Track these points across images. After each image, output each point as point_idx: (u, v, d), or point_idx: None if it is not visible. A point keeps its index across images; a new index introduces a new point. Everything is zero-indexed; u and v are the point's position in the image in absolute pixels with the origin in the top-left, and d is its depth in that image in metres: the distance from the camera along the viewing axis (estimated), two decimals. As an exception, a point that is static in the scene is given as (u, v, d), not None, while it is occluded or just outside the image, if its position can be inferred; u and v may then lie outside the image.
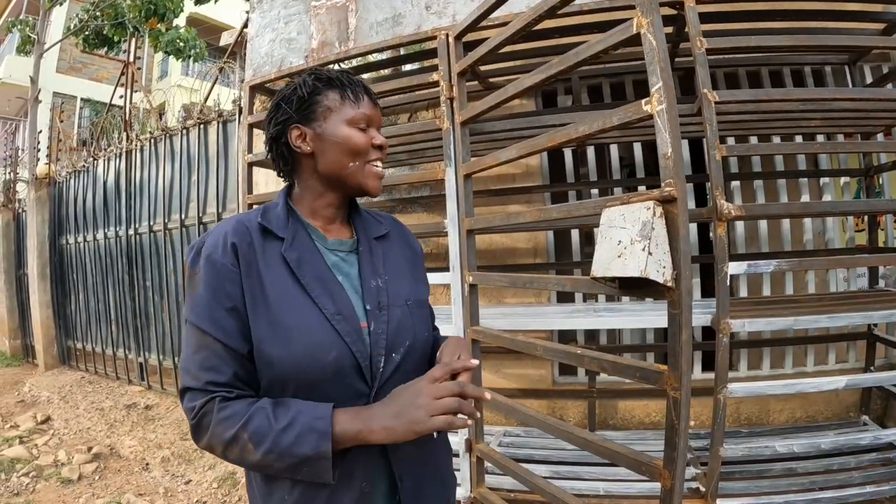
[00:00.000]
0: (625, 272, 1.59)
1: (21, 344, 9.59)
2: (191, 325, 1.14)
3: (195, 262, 1.17)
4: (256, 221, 1.23)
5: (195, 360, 1.13)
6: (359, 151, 1.26)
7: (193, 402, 1.11)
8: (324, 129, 1.25)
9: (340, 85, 1.28)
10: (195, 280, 1.16)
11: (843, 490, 2.66)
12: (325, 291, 1.20)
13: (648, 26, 1.68)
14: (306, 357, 1.13)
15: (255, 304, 1.15)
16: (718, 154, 2.37)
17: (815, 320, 2.57)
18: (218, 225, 1.23)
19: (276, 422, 1.06)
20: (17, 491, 4.15)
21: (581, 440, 2.08)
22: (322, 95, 1.26)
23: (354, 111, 1.26)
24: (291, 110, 1.27)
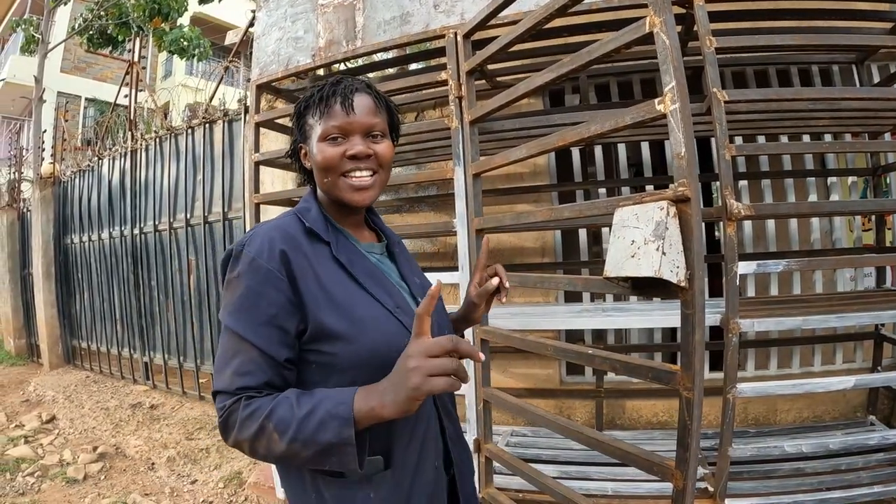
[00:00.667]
0: (638, 272, 1.59)
1: (26, 343, 9.61)
2: (228, 330, 1.14)
3: (235, 265, 1.16)
4: (303, 225, 1.24)
5: (231, 364, 1.12)
6: (328, 166, 1.25)
7: (223, 402, 1.11)
8: (310, 147, 1.29)
9: (318, 99, 1.28)
10: (235, 284, 1.15)
11: (852, 490, 2.65)
12: (381, 288, 1.26)
13: (661, 25, 1.67)
14: (384, 346, 1.16)
15: (319, 304, 1.15)
16: (728, 154, 2.36)
17: (824, 320, 2.56)
18: (259, 230, 1.21)
19: (298, 409, 1.05)
20: (23, 490, 4.16)
21: (592, 441, 2.08)
22: (308, 114, 1.30)
23: (325, 125, 1.25)
24: (297, 130, 1.34)
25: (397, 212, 4.33)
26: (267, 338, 1.12)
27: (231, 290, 1.15)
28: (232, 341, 1.13)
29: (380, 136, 1.30)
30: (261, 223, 1.25)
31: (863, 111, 3.10)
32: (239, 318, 1.13)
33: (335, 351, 1.15)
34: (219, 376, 1.14)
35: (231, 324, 1.13)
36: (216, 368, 1.16)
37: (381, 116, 1.31)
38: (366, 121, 1.26)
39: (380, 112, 1.31)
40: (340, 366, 1.15)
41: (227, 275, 1.18)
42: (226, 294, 1.17)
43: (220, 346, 1.16)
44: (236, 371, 1.11)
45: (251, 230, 1.23)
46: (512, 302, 3.95)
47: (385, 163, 1.31)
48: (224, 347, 1.15)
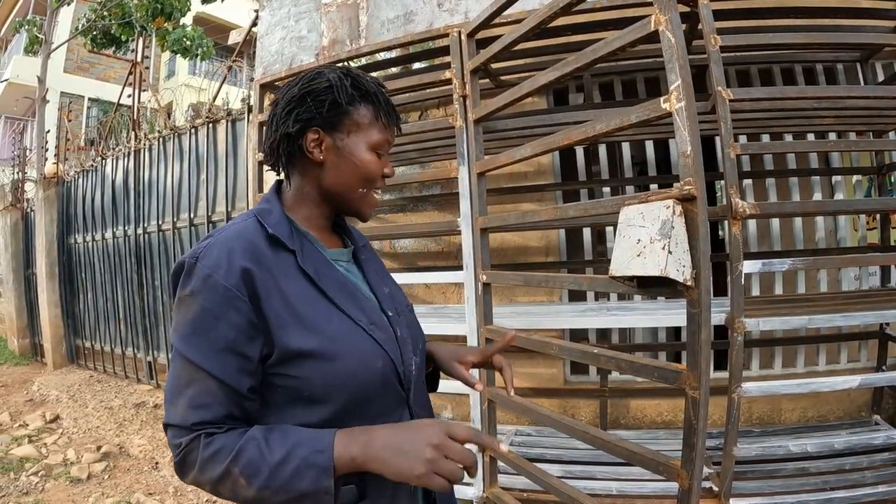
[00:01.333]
0: (644, 271, 1.58)
1: (30, 343, 9.62)
2: (180, 355, 1.02)
3: (187, 282, 1.03)
4: (264, 232, 1.11)
5: (184, 395, 1.01)
6: (371, 179, 1.19)
7: (178, 439, 1.00)
8: (345, 144, 1.16)
9: (377, 101, 1.18)
10: (188, 303, 1.02)
11: (856, 490, 2.64)
12: (353, 302, 1.15)
13: (667, 23, 1.67)
14: (360, 369, 1.07)
15: (286, 324, 1.04)
16: (733, 152, 2.36)
17: (830, 319, 2.56)
18: (215, 239, 1.07)
19: (270, 454, 0.96)
20: (27, 490, 4.16)
21: (597, 440, 2.07)
22: (355, 107, 1.16)
23: (381, 136, 1.18)
24: (317, 110, 1.14)
25: (401, 211, 4.33)
26: (225, 366, 1.00)
27: (183, 309, 1.03)
28: (186, 369, 1.02)
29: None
30: (218, 229, 1.12)
31: (867, 109, 3.09)
32: (193, 342, 1.01)
33: (305, 375, 1.04)
34: (171, 408, 1.02)
35: (184, 349, 1.01)
36: (167, 398, 1.04)
37: None
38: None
39: None
40: (311, 391, 1.05)
41: (177, 291, 1.05)
42: (177, 313, 1.04)
43: (171, 371, 1.04)
44: (191, 403, 1.00)
45: (207, 238, 1.09)
46: (516, 301, 3.95)
47: None
48: (176, 375, 1.03)
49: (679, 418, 3.64)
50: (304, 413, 1.06)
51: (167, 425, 1.03)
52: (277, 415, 1.07)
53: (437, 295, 4.12)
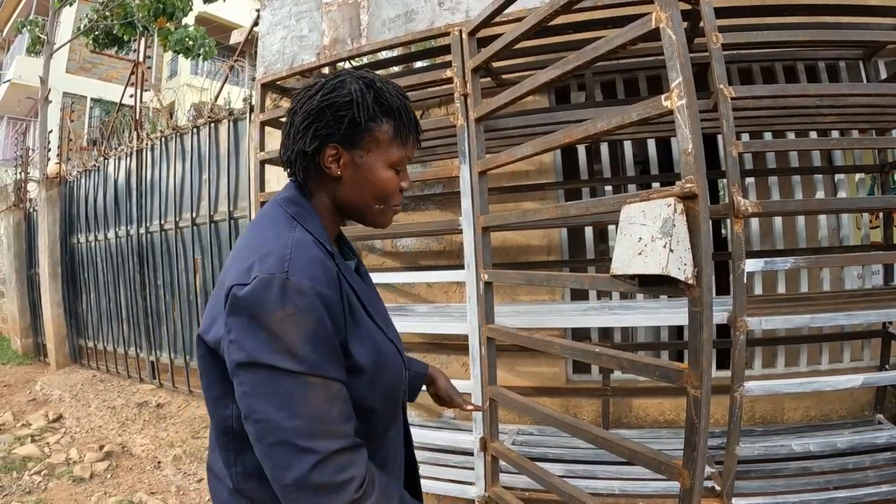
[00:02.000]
0: (646, 269, 1.58)
1: (33, 343, 9.65)
2: (309, 378, 0.96)
3: (285, 299, 0.96)
4: (326, 245, 1.10)
5: (333, 416, 0.97)
6: (388, 197, 1.18)
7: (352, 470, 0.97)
8: (363, 162, 1.14)
9: (398, 117, 1.14)
10: (295, 322, 0.95)
11: (859, 489, 2.63)
12: (381, 315, 1.20)
13: (668, 21, 1.66)
14: (398, 379, 1.16)
15: (353, 335, 1.06)
16: (735, 150, 2.35)
17: (832, 318, 2.55)
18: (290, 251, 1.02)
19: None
20: (30, 489, 4.17)
21: (600, 439, 2.07)
22: (376, 123, 1.12)
23: (400, 153, 1.15)
24: (336, 126, 1.11)
25: (403, 210, 4.31)
26: (343, 369, 1.02)
27: (291, 329, 0.95)
28: (321, 389, 0.97)
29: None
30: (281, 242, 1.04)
31: (870, 107, 3.08)
32: (321, 359, 0.98)
33: (356, 385, 1.05)
34: (324, 438, 0.95)
35: (313, 369, 0.96)
36: (309, 432, 0.94)
37: None
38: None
39: None
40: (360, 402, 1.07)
41: (269, 312, 0.96)
42: (282, 335, 0.95)
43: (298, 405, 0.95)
44: (345, 419, 1.00)
45: (280, 251, 1.02)
46: (518, 300, 3.94)
47: None
48: (308, 403, 0.96)
49: (681, 417, 3.62)
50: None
51: (329, 455, 0.95)
52: None
53: (439, 294, 4.12)
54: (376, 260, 4.28)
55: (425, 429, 3.70)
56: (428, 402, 4.10)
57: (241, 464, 1.10)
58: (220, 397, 1.09)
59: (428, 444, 3.36)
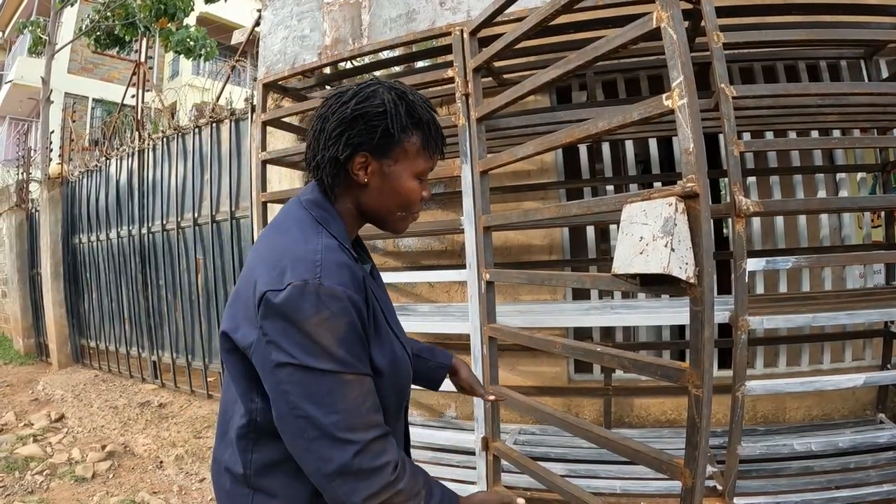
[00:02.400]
0: (647, 269, 1.58)
1: (35, 343, 9.66)
2: (345, 377, 1.03)
3: (321, 304, 1.01)
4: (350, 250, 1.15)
5: (367, 408, 1.05)
6: (411, 205, 1.23)
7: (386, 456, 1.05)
8: (391, 171, 1.17)
9: (427, 130, 1.18)
10: (330, 325, 1.01)
11: (860, 489, 2.63)
12: (394, 320, 1.26)
13: (669, 20, 1.66)
14: (406, 379, 1.23)
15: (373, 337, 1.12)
16: (736, 150, 2.35)
17: (834, 317, 2.55)
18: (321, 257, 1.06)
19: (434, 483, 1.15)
20: (32, 489, 4.17)
21: (601, 439, 2.07)
22: (407, 135, 1.15)
23: (426, 164, 1.20)
24: (369, 135, 1.14)
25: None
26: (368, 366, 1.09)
27: (326, 332, 1.01)
28: (355, 386, 1.04)
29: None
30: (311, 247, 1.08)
31: (871, 106, 3.08)
32: (355, 358, 1.04)
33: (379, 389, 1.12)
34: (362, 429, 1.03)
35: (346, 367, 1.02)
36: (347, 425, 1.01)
37: None
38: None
39: None
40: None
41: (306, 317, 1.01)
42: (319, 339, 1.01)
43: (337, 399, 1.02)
44: (376, 410, 1.07)
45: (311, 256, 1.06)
46: (520, 299, 3.95)
47: None
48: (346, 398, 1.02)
49: (683, 416, 3.61)
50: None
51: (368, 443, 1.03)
52: None
53: (441, 294, 4.12)
54: (378, 259, 4.28)
55: (427, 428, 3.70)
56: (430, 401, 4.12)
57: (258, 453, 1.14)
58: (247, 391, 1.13)
59: (430, 443, 3.36)
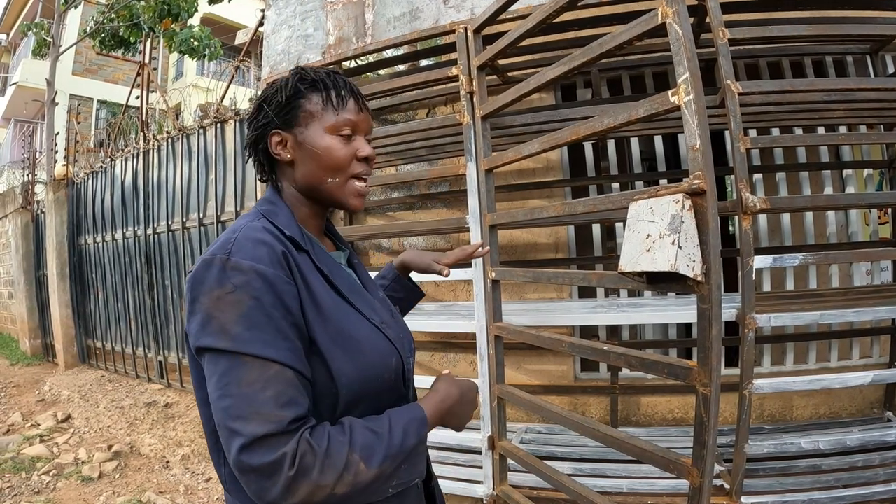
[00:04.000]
0: (654, 266, 1.56)
1: (41, 343, 9.69)
2: (239, 358, 0.93)
3: (224, 278, 0.96)
4: (284, 232, 1.09)
5: (266, 398, 0.92)
6: (340, 166, 1.15)
7: (281, 448, 0.89)
8: (304, 137, 1.14)
9: (324, 86, 1.15)
10: (232, 301, 0.95)
11: (868, 487, 2.62)
12: (365, 302, 1.18)
13: (674, 16, 1.65)
14: (380, 366, 1.11)
15: (314, 319, 1.03)
16: (743, 146, 2.34)
17: (842, 315, 2.53)
18: (240, 234, 1.02)
19: (378, 428, 1.01)
20: (38, 489, 4.18)
21: (608, 438, 2.06)
22: (304, 98, 1.14)
23: (336, 117, 1.14)
24: (273, 114, 1.16)
25: (410, 209, 4.32)
26: (295, 353, 0.97)
27: (227, 308, 0.95)
28: (253, 370, 0.93)
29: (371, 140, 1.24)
30: (232, 230, 1.06)
31: (878, 102, 3.06)
32: (255, 338, 0.94)
33: (329, 374, 1.03)
34: (253, 420, 0.90)
35: (246, 348, 0.93)
36: (241, 413, 0.91)
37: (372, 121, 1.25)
38: (370, 122, 1.22)
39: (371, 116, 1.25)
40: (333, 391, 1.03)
41: (209, 291, 0.97)
42: (219, 314, 0.95)
43: (231, 383, 0.93)
44: (278, 402, 0.92)
45: (227, 237, 1.03)
46: (525, 298, 3.94)
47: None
48: (241, 383, 0.93)
49: (690, 415, 3.62)
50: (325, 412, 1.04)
51: (252, 442, 0.89)
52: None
53: (447, 292, 4.11)
54: (384, 259, 4.28)
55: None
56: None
57: (227, 465, 1.06)
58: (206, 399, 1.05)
59: (435, 442, 3.35)
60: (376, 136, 3.26)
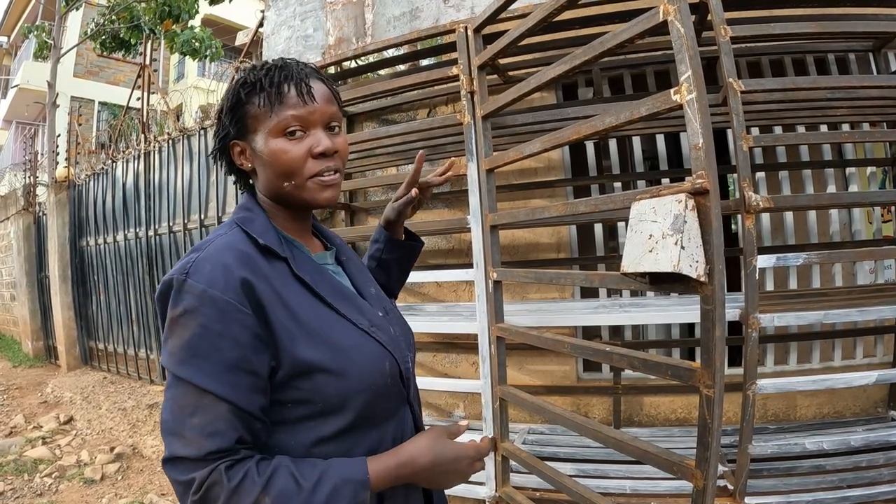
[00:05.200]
0: (657, 267, 1.55)
1: (43, 345, 9.70)
2: (179, 382, 0.95)
3: (178, 301, 0.97)
4: (255, 243, 1.06)
5: (192, 424, 0.93)
6: (291, 170, 1.08)
7: (191, 473, 0.92)
8: (256, 143, 1.09)
9: (260, 87, 1.07)
10: (182, 324, 0.96)
11: (873, 487, 2.60)
12: (352, 306, 1.14)
13: (676, 13, 1.64)
14: (371, 373, 1.07)
15: (292, 335, 1.01)
16: (745, 145, 2.32)
17: (846, 314, 2.51)
18: (203, 254, 1.01)
19: (303, 479, 0.95)
20: (41, 491, 4.18)
21: (611, 439, 2.05)
22: (249, 104, 1.09)
23: (278, 117, 1.06)
24: (228, 124, 1.12)
25: (411, 209, 4.30)
26: (235, 386, 0.95)
27: (178, 331, 0.96)
28: (189, 395, 0.94)
29: (338, 128, 1.14)
30: (202, 243, 1.06)
31: (881, 99, 3.04)
32: (196, 365, 0.94)
33: (319, 386, 1.02)
34: (176, 440, 0.94)
35: (186, 374, 0.94)
36: (168, 429, 0.95)
37: (335, 105, 1.14)
38: (326, 110, 1.10)
39: (334, 100, 1.14)
40: (325, 402, 1.02)
41: (168, 311, 0.98)
42: (170, 336, 0.97)
43: (171, 400, 0.96)
44: (202, 432, 0.92)
45: (190, 254, 1.03)
46: (527, 298, 3.92)
47: (345, 160, 1.17)
48: (178, 403, 0.95)
49: (693, 415, 3.60)
50: (318, 426, 1.04)
51: (173, 458, 0.93)
52: (290, 432, 1.04)
53: (449, 293, 4.10)
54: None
55: (435, 429, 3.68)
56: (438, 401, 4.10)
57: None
58: None
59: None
60: (377, 136, 3.25)
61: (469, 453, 1.11)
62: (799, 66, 3.60)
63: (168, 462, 0.94)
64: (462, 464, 1.10)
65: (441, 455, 1.07)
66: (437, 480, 1.08)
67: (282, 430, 1.03)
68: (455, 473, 1.09)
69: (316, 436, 1.03)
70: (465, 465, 1.10)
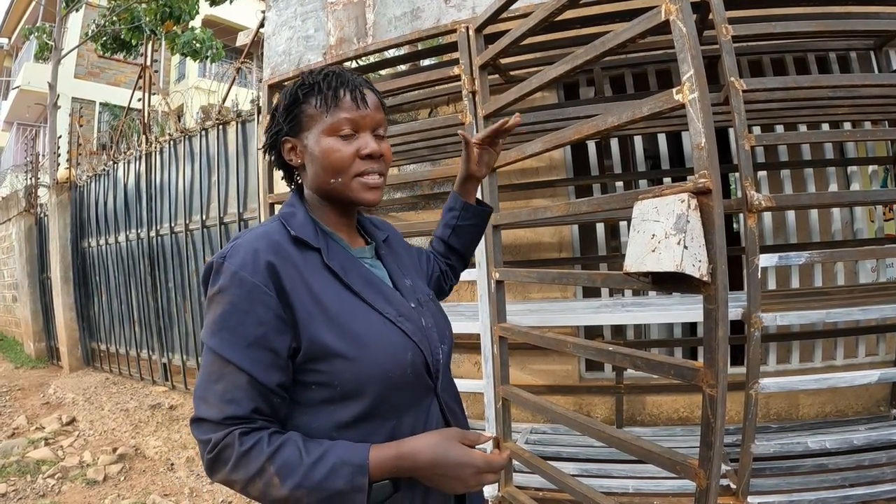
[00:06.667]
0: (660, 267, 1.55)
1: (45, 346, 9.70)
2: (210, 352, 1.05)
3: (216, 279, 1.06)
4: (289, 234, 1.14)
5: (215, 390, 1.03)
6: (340, 167, 1.15)
7: (209, 434, 1.02)
8: (308, 141, 1.18)
9: (318, 89, 1.17)
10: (217, 301, 1.05)
11: (875, 486, 2.60)
12: (379, 295, 1.18)
13: (678, 13, 1.64)
14: (388, 361, 1.10)
15: (314, 319, 1.07)
16: (747, 144, 2.33)
17: (848, 313, 2.51)
18: (240, 240, 1.10)
19: (307, 454, 1.00)
20: (43, 492, 4.18)
21: (614, 439, 2.05)
22: (305, 104, 1.17)
23: (333, 118, 1.14)
24: (282, 122, 1.20)
25: (413, 209, 4.31)
26: (255, 360, 1.03)
27: (213, 307, 1.06)
28: (215, 364, 1.04)
29: (383, 134, 1.23)
30: (244, 232, 1.15)
31: (882, 98, 3.04)
32: (223, 338, 1.04)
33: (336, 370, 1.07)
34: (201, 403, 1.04)
35: (214, 345, 1.04)
36: (198, 393, 1.05)
37: (383, 113, 1.23)
38: (376, 116, 1.19)
39: (382, 109, 1.23)
40: (343, 386, 1.07)
41: (208, 290, 1.08)
42: (208, 312, 1.07)
43: (203, 368, 1.06)
44: (222, 398, 1.02)
45: (233, 240, 1.12)
46: (530, 298, 3.92)
47: (389, 165, 1.25)
48: (207, 370, 1.05)
49: (695, 414, 3.60)
50: (337, 410, 1.09)
51: (197, 419, 1.04)
52: (310, 413, 1.10)
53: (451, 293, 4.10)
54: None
55: (438, 428, 3.68)
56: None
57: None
58: None
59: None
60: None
61: (476, 462, 1.07)
62: (800, 65, 3.60)
63: (194, 422, 1.05)
64: (466, 471, 1.06)
65: (443, 456, 1.06)
66: (435, 481, 1.07)
67: (305, 412, 1.10)
68: (456, 479, 1.06)
69: (335, 420, 1.08)
70: (469, 474, 1.06)
